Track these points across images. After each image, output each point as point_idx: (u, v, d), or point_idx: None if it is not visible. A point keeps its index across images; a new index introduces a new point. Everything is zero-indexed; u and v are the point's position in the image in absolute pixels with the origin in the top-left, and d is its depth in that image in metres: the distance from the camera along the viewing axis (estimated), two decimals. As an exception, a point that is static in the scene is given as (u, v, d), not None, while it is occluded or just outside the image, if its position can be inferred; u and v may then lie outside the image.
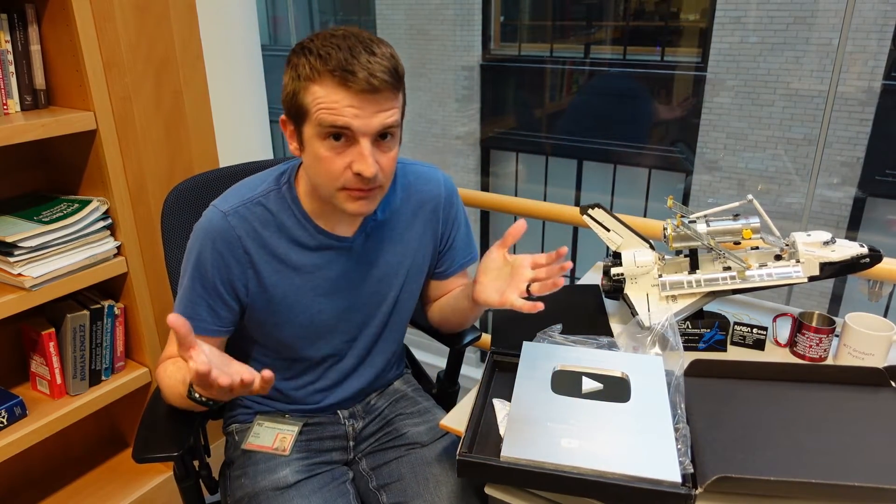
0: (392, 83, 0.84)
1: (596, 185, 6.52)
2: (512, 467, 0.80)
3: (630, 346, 1.06)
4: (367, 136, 0.85)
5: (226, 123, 1.69)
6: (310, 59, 0.84)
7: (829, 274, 1.05)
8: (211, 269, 0.95)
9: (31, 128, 1.23)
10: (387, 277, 1.05)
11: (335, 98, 0.82)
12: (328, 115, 0.83)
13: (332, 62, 0.82)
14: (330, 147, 0.86)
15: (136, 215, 1.46)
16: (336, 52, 0.82)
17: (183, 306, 0.98)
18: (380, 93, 0.83)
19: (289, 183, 0.98)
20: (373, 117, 0.84)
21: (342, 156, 0.86)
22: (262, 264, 0.97)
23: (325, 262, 1.00)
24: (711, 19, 5.46)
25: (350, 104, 0.82)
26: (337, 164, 0.86)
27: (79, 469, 1.64)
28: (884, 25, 4.76)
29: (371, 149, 0.85)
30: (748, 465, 0.80)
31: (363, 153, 0.85)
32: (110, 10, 1.37)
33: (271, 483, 1.02)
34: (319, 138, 0.86)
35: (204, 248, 0.95)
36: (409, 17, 6.96)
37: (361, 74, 0.81)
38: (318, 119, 0.84)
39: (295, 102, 0.86)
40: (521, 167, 6.99)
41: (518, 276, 0.90)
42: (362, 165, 0.85)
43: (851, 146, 5.00)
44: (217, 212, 0.96)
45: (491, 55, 6.76)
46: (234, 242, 0.95)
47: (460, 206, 1.13)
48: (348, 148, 0.86)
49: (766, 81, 5.27)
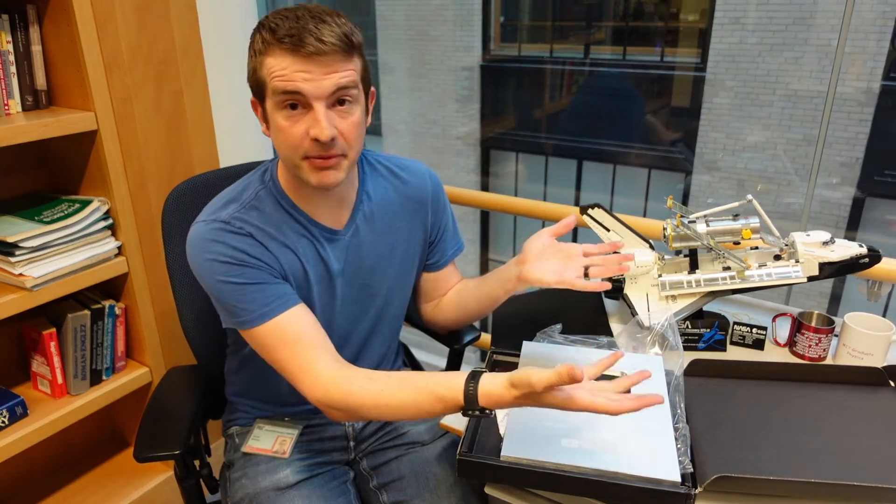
0: (342, 47, 0.84)
1: (596, 185, 6.52)
2: (512, 467, 0.80)
3: (630, 345, 1.06)
4: (320, 100, 0.85)
5: (226, 123, 1.69)
6: (262, 33, 0.85)
7: (828, 274, 1.05)
8: (234, 261, 0.90)
9: (33, 128, 1.24)
10: (378, 269, 1.06)
11: (284, 64, 0.84)
12: (280, 81, 0.84)
13: (281, 31, 0.83)
14: (287, 116, 0.86)
15: (137, 215, 1.46)
16: (284, 22, 0.83)
17: (249, 309, 0.90)
18: (328, 55, 0.84)
19: (272, 178, 0.98)
20: (323, 79, 0.84)
21: (299, 123, 0.86)
22: (281, 256, 0.95)
23: (321, 255, 1.00)
24: (711, 20, 5.46)
25: (299, 69, 0.83)
26: (295, 131, 0.87)
27: (79, 469, 1.64)
28: (883, 26, 4.77)
29: (326, 112, 0.85)
30: (748, 464, 0.80)
31: (317, 117, 0.85)
32: (111, 11, 1.38)
33: (272, 483, 1.02)
34: (278, 108, 0.87)
35: (216, 251, 0.90)
36: (409, 17, 6.96)
37: (308, 39, 0.82)
38: (273, 88, 0.85)
39: (255, 78, 0.88)
40: (520, 167, 7.00)
41: (574, 260, 0.97)
42: (316, 129, 0.85)
43: (850, 146, 5.00)
44: (215, 221, 0.92)
45: (491, 55, 6.77)
46: (246, 236, 0.93)
47: (446, 197, 1.14)
48: (305, 115, 0.86)
49: (765, 82, 5.27)
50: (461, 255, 1.18)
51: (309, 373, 0.89)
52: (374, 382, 0.86)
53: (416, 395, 0.83)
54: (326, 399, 0.87)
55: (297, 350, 0.90)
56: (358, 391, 0.86)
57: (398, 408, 0.84)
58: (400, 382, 0.85)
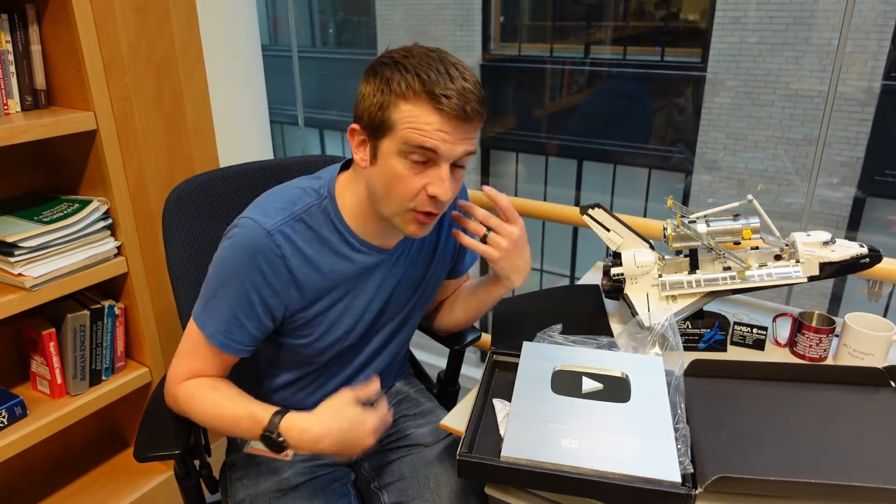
0: (482, 113, 0.85)
1: (596, 185, 6.52)
2: (512, 467, 0.80)
3: (630, 346, 1.06)
4: (449, 162, 0.85)
5: (226, 123, 1.69)
6: (406, 77, 0.82)
7: (828, 274, 1.05)
8: (251, 287, 0.90)
9: (32, 128, 1.23)
10: (410, 284, 1.05)
11: (428, 120, 0.82)
12: (417, 135, 0.82)
13: (430, 84, 0.81)
14: (409, 166, 0.84)
15: (137, 215, 1.46)
16: (434, 75, 0.81)
17: (214, 322, 0.92)
18: (470, 122, 0.83)
19: (329, 196, 0.95)
20: (458, 144, 0.84)
21: (420, 176, 0.85)
22: (306, 283, 0.93)
23: (367, 274, 0.99)
24: (711, 19, 5.47)
25: (440, 128, 0.82)
26: (414, 183, 0.85)
27: (79, 469, 1.64)
28: (883, 26, 4.77)
29: (449, 174, 0.86)
30: (748, 465, 0.80)
31: (442, 177, 0.84)
32: (111, 11, 1.37)
33: (273, 484, 1.02)
34: (400, 156, 0.84)
35: (246, 264, 0.89)
36: (409, 17, 6.97)
37: (457, 101, 0.81)
38: (405, 137, 0.82)
39: (379, 115, 0.84)
40: (521, 167, 7.00)
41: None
42: (440, 189, 0.84)
43: (851, 146, 5.00)
44: (260, 229, 0.89)
45: (491, 55, 6.77)
46: (277, 262, 0.90)
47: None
48: (427, 169, 0.85)
49: (765, 81, 5.28)
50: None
51: (180, 372, 0.95)
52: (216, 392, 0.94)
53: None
54: (170, 390, 0.96)
55: (195, 366, 0.95)
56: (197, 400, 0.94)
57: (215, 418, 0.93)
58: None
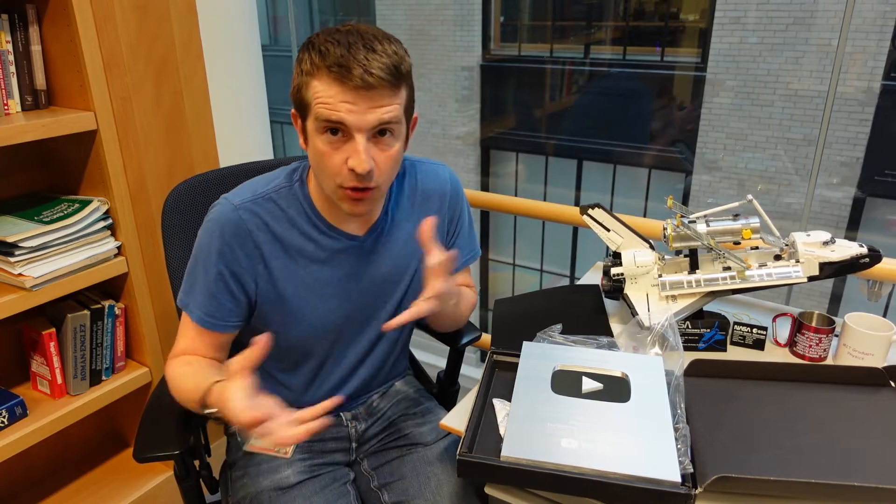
0: (389, 80, 0.84)
1: (596, 185, 6.52)
2: (512, 467, 0.80)
3: (630, 346, 1.06)
4: (361, 132, 0.85)
5: (226, 123, 1.69)
6: (311, 55, 0.85)
7: (828, 274, 1.05)
8: (221, 262, 0.95)
9: (32, 128, 1.24)
10: (393, 276, 1.05)
11: (331, 93, 0.84)
12: (324, 109, 0.84)
13: (330, 58, 0.83)
14: (328, 141, 0.87)
15: (137, 215, 1.46)
16: (334, 48, 0.83)
17: (195, 301, 0.97)
18: (375, 89, 0.84)
19: (301, 180, 0.99)
20: (367, 113, 0.84)
21: (339, 151, 0.87)
22: (273, 260, 0.97)
23: (335, 260, 1.00)
24: (711, 19, 5.46)
25: (344, 99, 0.83)
26: (335, 159, 0.87)
27: (79, 469, 1.64)
28: (883, 26, 4.77)
29: (366, 144, 0.86)
30: (748, 465, 0.80)
31: (357, 148, 0.85)
32: (110, 10, 1.38)
33: (273, 483, 1.02)
34: (318, 132, 0.87)
35: (213, 238, 0.95)
36: (409, 17, 6.96)
37: (356, 71, 0.82)
38: (316, 113, 0.86)
39: (299, 96, 0.89)
40: (521, 167, 7.00)
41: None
42: (355, 161, 0.86)
43: (851, 146, 5.00)
44: (228, 203, 0.96)
45: (491, 55, 6.77)
46: (244, 236, 0.95)
47: (465, 204, 1.13)
48: (345, 143, 0.87)
49: (765, 82, 5.27)
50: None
51: (173, 353, 1.00)
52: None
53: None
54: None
55: (184, 345, 0.99)
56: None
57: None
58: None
